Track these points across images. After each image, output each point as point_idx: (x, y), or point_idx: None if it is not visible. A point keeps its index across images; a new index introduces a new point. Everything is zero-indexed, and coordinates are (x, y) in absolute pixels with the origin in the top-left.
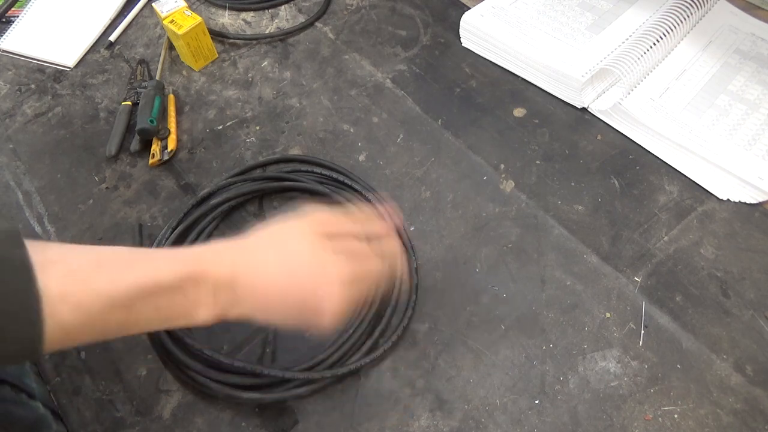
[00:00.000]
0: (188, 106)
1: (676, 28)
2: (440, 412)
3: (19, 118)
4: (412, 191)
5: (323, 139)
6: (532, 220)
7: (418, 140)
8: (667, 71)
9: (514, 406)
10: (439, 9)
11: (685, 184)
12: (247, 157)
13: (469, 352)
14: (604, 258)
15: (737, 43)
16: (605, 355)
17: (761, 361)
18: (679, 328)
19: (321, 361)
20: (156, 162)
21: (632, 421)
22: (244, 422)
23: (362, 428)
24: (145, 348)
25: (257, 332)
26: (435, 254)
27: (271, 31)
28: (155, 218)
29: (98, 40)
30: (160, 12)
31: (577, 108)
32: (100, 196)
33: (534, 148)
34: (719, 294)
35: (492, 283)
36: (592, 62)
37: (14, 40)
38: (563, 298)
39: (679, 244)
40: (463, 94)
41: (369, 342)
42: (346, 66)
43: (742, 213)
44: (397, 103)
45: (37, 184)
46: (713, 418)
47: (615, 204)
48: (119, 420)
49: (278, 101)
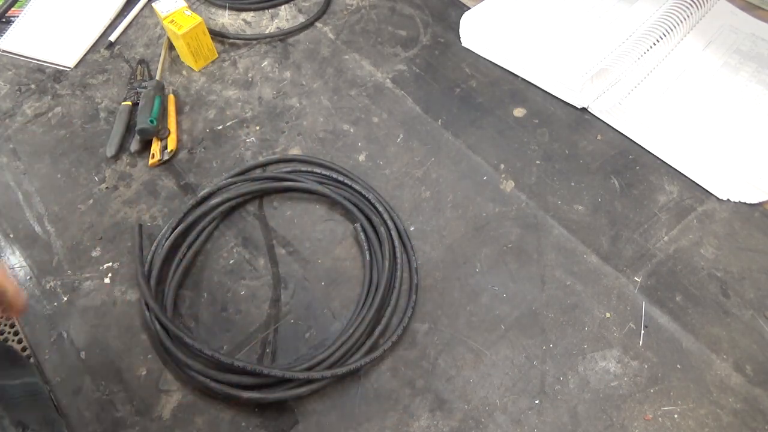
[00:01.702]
0: (188, 106)
1: (676, 28)
2: (440, 412)
3: (19, 118)
4: (412, 191)
5: (323, 139)
6: (532, 220)
7: (418, 140)
8: (667, 71)
9: (514, 406)
10: (439, 9)
11: (685, 184)
12: (247, 157)
13: (469, 352)
14: (604, 258)
15: (737, 43)
16: (605, 355)
17: (761, 361)
18: (679, 328)
19: (321, 361)
20: (156, 162)
21: (632, 421)
22: (244, 422)
23: (362, 428)
24: (145, 348)
25: (257, 332)
26: (435, 254)
27: (271, 31)
28: (155, 218)
29: (98, 40)
30: (160, 12)
31: (577, 108)
32: (100, 196)
33: (534, 148)
34: (719, 294)
35: (492, 283)
36: (592, 62)
37: (14, 40)
38: (563, 298)
39: (679, 244)
40: (463, 94)
41: (369, 342)
42: (346, 66)
43: (742, 213)
44: (397, 103)
45: (37, 184)
46: (713, 418)
47: (615, 204)
48: (119, 420)
49: (278, 101)
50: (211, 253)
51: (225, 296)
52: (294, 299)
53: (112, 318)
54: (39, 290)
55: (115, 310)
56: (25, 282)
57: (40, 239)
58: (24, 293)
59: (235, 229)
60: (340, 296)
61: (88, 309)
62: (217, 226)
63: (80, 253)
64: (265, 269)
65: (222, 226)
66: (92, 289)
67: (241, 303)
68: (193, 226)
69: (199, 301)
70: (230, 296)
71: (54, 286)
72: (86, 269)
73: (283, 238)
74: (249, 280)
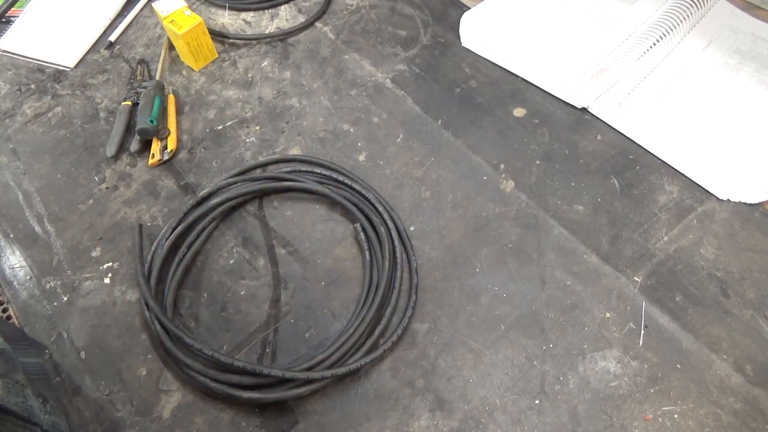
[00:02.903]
0: (188, 106)
1: (676, 28)
2: (440, 412)
3: (19, 118)
4: (412, 191)
5: (323, 139)
6: (532, 220)
7: (418, 140)
8: (667, 71)
9: (514, 406)
10: (439, 9)
11: (685, 184)
12: (247, 157)
13: (469, 352)
14: (604, 258)
15: (737, 43)
16: (605, 355)
17: (761, 361)
18: (679, 328)
19: (321, 361)
20: (156, 162)
21: (632, 421)
22: (244, 422)
23: (362, 428)
24: (145, 348)
25: (257, 332)
26: (435, 254)
27: (271, 31)
28: (155, 218)
29: (98, 40)
30: (160, 12)
31: (577, 108)
32: (100, 196)
33: (534, 148)
34: (719, 294)
35: (492, 283)
36: (592, 62)
37: (14, 40)
38: (563, 298)
39: (679, 244)
40: (463, 94)
41: (369, 342)
42: (346, 66)
43: (742, 213)
44: (397, 103)
45: (37, 184)
46: (713, 418)
47: (615, 204)
48: (119, 420)
49: (278, 101)
50: (211, 253)
51: (225, 296)
52: (294, 299)
53: (112, 318)
54: (39, 290)
55: (115, 310)
56: (25, 282)
57: (40, 239)
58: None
59: (235, 229)
60: (340, 296)
61: (88, 309)
62: (217, 226)
63: (80, 253)
64: (265, 269)
65: (222, 226)
66: (92, 289)
67: (241, 303)
68: (193, 226)
69: (199, 301)
70: (230, 296)
71: (54, 286)
72: (86, 269)
73: (283, 238)
74: (249, 280)
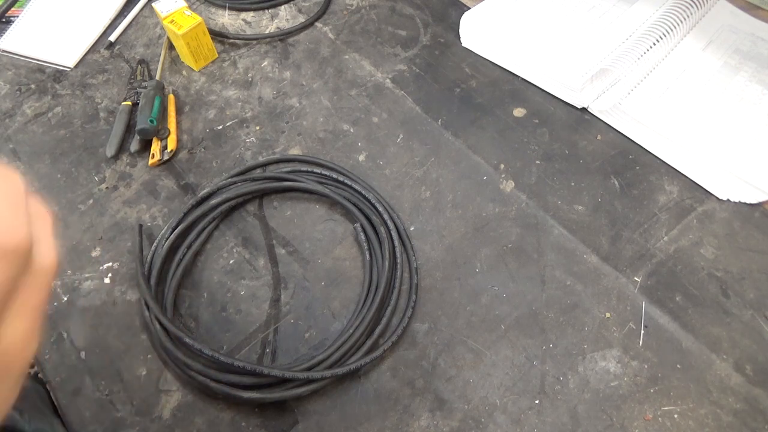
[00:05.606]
0: (188, 106)
1: (676, 28)
2: (440, 412)
3: (19, 118)
4: (412, 191)
5: (323, 139)
6: (532, 220)
7: (418, 140)
8: (667, 71)
9: (514, 406)
10: (439, 9)
11: (685, 184)
12: (247, 157)
13: (469, 352)
14: (604, 258)
15: (737, 43)
16: (605, 355)
17: (761, 361)
18: (679, 328)
19: (321, 361)
20: (156, 162)
21: (632, 421)
22: (244, 422)
23: (362, 428)
24: (145, 348)
25: (257, 332)
26: (435, 254)
27: (271, 31)
28: (155, 218)
29: (98, 40)
30: (160, 12)
31: (577, 108)
32: (100, 196)
33: (534, 148)
34: (719, 294)
35: (492, 283)
36: (592, 62)
37: (14, 40)
38: (563, 298)
39: (679, 244)
40: (463, 94)
41: (369, 342)
42: (346, 66)
43: (742, 213)
44: (397, 103)
45: (37, 184)
46: (713, 418)
47: (615, 204)
48: (119, 420)
49: (278, 101)
50: (211, 253)
51: (225, 296)
52: (294, 299)
53: (112, 318)
54: None
55: (115, 310)
56: None
57: None
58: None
59: (235, 229)
60: (340, 296)
61: (88, 309)
62: (217, 226)
63: (80, 253)
64: (265, 269)
65: (222, 226)
66: (92, 289)
67: (241, 303)
68: (193, 226)
69: (198, 301)
70: (230, 296)
71: (54, 286)
72: (86, 269)
73: (283, 238)
74: (249, 280)
